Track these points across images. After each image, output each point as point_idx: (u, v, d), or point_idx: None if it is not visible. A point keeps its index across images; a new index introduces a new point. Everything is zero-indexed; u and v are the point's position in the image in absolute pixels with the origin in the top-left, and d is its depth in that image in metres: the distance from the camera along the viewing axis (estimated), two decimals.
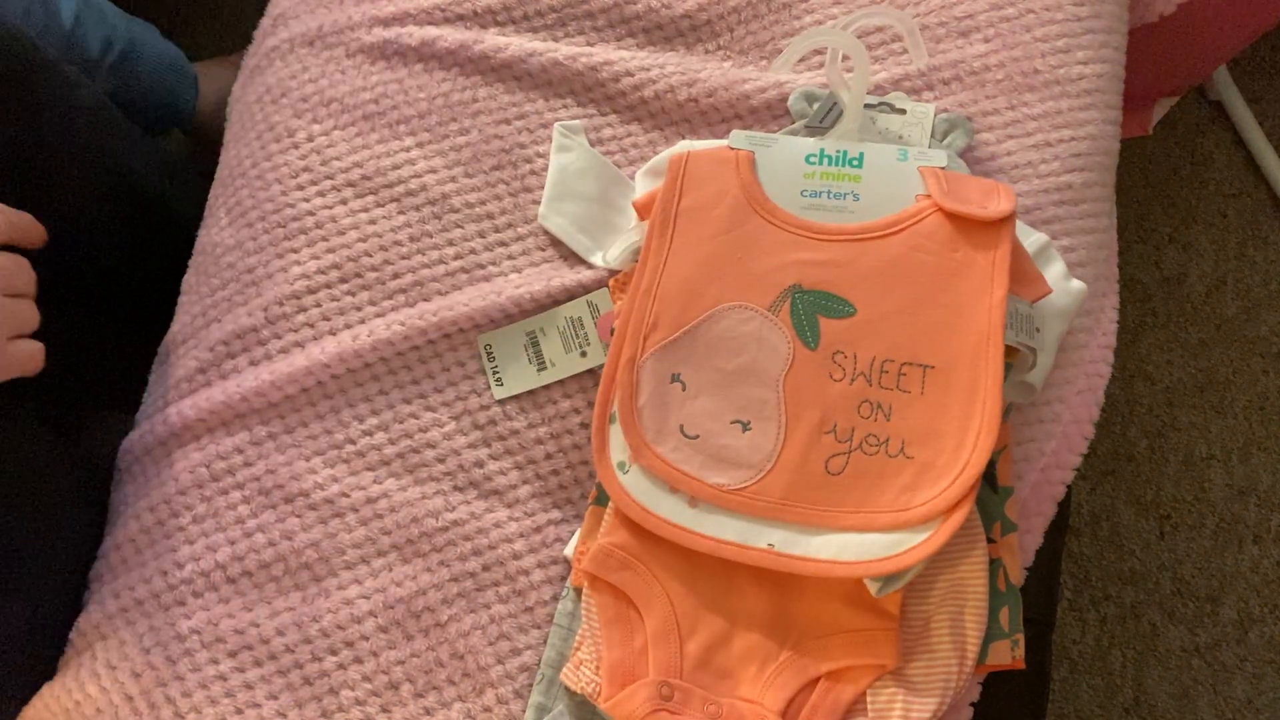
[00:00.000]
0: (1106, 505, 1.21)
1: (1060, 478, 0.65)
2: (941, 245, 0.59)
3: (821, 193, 0.62)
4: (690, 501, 0.57)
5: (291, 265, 0.68)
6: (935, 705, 0.56)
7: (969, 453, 0.56)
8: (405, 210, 0.69)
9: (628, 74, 0.71)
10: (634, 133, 0.71)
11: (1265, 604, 1.17)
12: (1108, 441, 1.22)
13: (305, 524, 0.63)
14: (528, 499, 0.64)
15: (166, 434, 0.65)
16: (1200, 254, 1.29)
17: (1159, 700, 1.15)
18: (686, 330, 0.59)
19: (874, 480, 0.56)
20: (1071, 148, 0.69)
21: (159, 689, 0.60)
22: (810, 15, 0.73)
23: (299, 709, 0.60)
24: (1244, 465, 1.22)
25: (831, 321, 0.59)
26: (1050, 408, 0.65)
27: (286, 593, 0.62)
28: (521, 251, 0.68)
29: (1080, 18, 0.71)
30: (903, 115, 0.68)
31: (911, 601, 0.58)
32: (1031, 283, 0.61)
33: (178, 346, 0.68)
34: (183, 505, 0.64)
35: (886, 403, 0.57)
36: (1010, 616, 0.59)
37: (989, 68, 0.71)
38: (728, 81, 0.71)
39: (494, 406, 0.65)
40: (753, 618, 0.58)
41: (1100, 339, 0.67)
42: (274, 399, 0.65)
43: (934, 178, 0.61)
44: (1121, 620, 1.17)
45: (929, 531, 0.55)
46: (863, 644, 0.56)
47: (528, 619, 0.61)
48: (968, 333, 0.58)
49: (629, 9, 0.74)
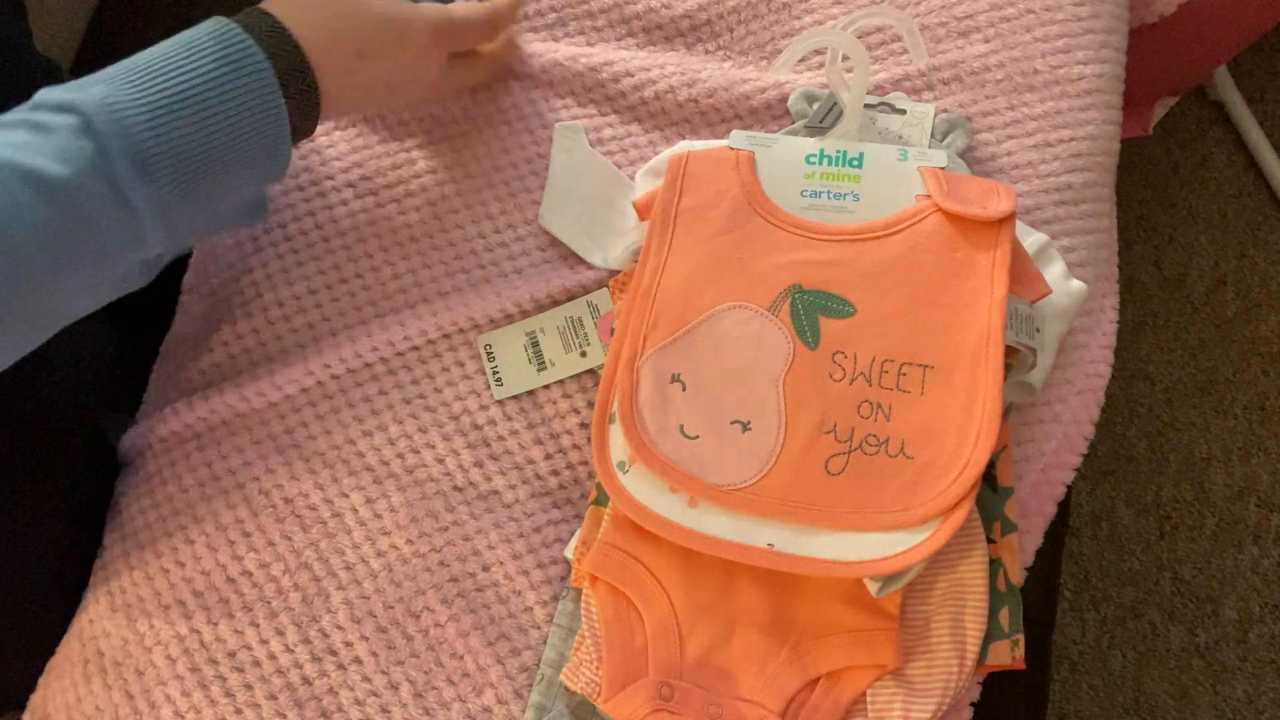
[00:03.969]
0: (1106, 505, 1.21)
1: (1060, 478, 0.65)
2: (941, 245, 0.59)
3: (821, 193, 0.62)
4: (690, 501, 0.57)
5: (291, 265, 0.68)
6: (935, 705, 0.56)
7: (969, 453, 0.56)
8: (405, 210, 0.69)
9: (628, 74, 0.71)
10: (634, 133, 0.71)
11: (1265, 604, 1.17)
12: (1108, 441, 1.22)
13: (305, 524, 0.63)
14: (527, 499, 0.64)
15: (167, 434, 0.65)
16: (1200, 254, 1.29)
17: (1159, 700, 1.15)
18: (686, 330, 0.59)
19: (874, 480, 0.56)
20: (1071, 148, 0.69)
21: (159, 688, 0.60)
22: (810, 15, 0.73)
23: (298, 709, 0.60)
24: (1244, 465, 1.22)
25: (831, 321, 0.59)
26: (1050, 408, 0.65)
27: (286, 593, 0.62)
28: (521, 251, 0.69)
29: (1080, 18, 0.71)
30: (903, 115, 0.68)
31: (911, 601, 0.58)
32: (1031, 283, 0.61)
33: (178, 346, 0.68)
34: (183, 504, 0.64)
35: (886, 403, 0.57)
36: (1010, 617, 0.59)
37: (989, 68, 0.71)
38: (728, 81, 0.71)
39: (494, 407, 0.65)
40: (753, 618, 0.58)
41: (1100, 339, 0.67)
42: (274, 399, 0.65)
43: (934, 178, 0.61)
44: (1121, 620, 1.17)
45: (929, 531, 0.55)
46: (863, 644, 0.57)
47: (527, 619, 0.61)
48: (968, 333, 0.58)
49: (629, 9, 0.74)
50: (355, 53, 0.58)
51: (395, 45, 0.60)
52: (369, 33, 0.59)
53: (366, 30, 0.59)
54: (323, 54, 0.57)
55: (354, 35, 0.58)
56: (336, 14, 0.58)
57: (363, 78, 0.59)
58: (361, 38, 0.58)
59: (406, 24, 0.60)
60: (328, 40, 0.57)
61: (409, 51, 0.61)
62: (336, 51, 0.58)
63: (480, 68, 0.69)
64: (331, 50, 0.57)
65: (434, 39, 0.62)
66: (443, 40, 0.63)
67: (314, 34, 0.57)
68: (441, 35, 0.62)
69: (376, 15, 0.59)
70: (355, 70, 0.59)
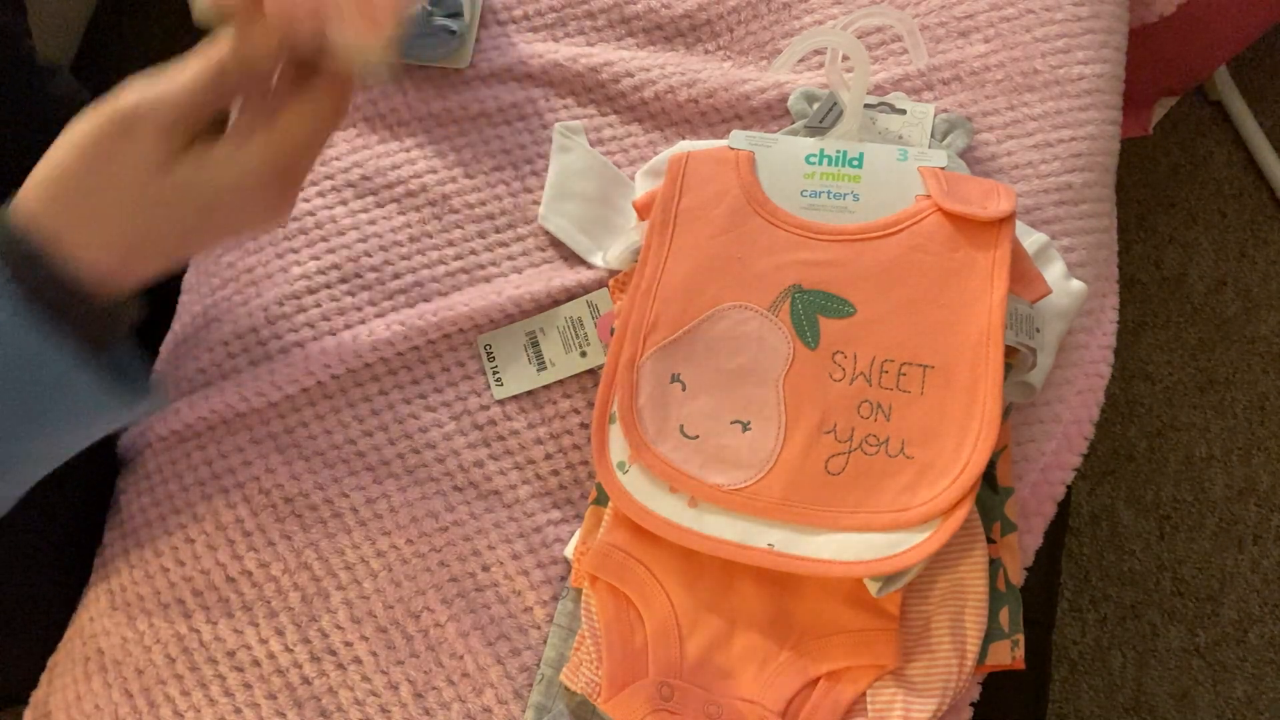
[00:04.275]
0: (1106, 505, 1.21)
1: (1060, 478, 0.65)
2: (941, 245, 0.59)
3: (821, 193, 0.62)
4: (690, 501, 0.57)
5: (291, 265, 0.68)
6: (935, 705, 0.56)
7: (969, 453, 0.56)
8: (405, 210, 0.69)
9: (628, 74, 0.71)
10: (634, 133, 0.71)
11: (1265, 604, 1.17)
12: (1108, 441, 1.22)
13: (304, 524, 0.63)
14: (527, 499, 0.64)
15: (167, 433, 0.65)
16: (1200, 254, 1.29)
17: (1159, 700, 1.15)
18: (686, 330, 0.59)
19: (874, 480, 0.56)
20: (1071, 148, 0.69)
21: (158, 687, 0.60)
22: (810, 15, 0.73)
23: (298, 709, 0.60)
24: (1244, 465, 1.22)
25: (831, 321, 0.59)
26: (1050, 408, 0.65)
27: (285, 593, 0.62)
28: (521, 252, 0.69)
29: (1080, 18, 0.71)
30: (903, 115, 0.68)
31: (911, 601, 0.58)
32: (1031, 283, 0.61)
33: (178, 346, 0.68)
34: (183, 503, 0.64)
35: (886, 403, 0.57)
36: (1010, 617, 0.59)
37: (989, 68, 0.71)
38: (728, 82, 0.71)
39: (494, 407, 0.65)
40: (753, 618, 0.58)
41: (1100, 339, 0.67)
42: (274, 399, 0.65)
43: (934, 178, 0.61)
44: (1121, 620, 1.17)
45: (929, 531, 0.55)
46: (863, 644, 0.57)
47: (527, 619, 0.61)
48: (968, 333, 0.58)
49: (629, 9, 0.74)
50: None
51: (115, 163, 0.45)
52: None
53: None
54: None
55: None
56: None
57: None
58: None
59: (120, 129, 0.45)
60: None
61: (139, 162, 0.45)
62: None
63: (295, 127, 0.48)
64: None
65: (156, 133, 0.45)
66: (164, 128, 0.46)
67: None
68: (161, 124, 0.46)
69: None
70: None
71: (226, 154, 0.46)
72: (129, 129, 0.45)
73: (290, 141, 0.47)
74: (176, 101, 0.45)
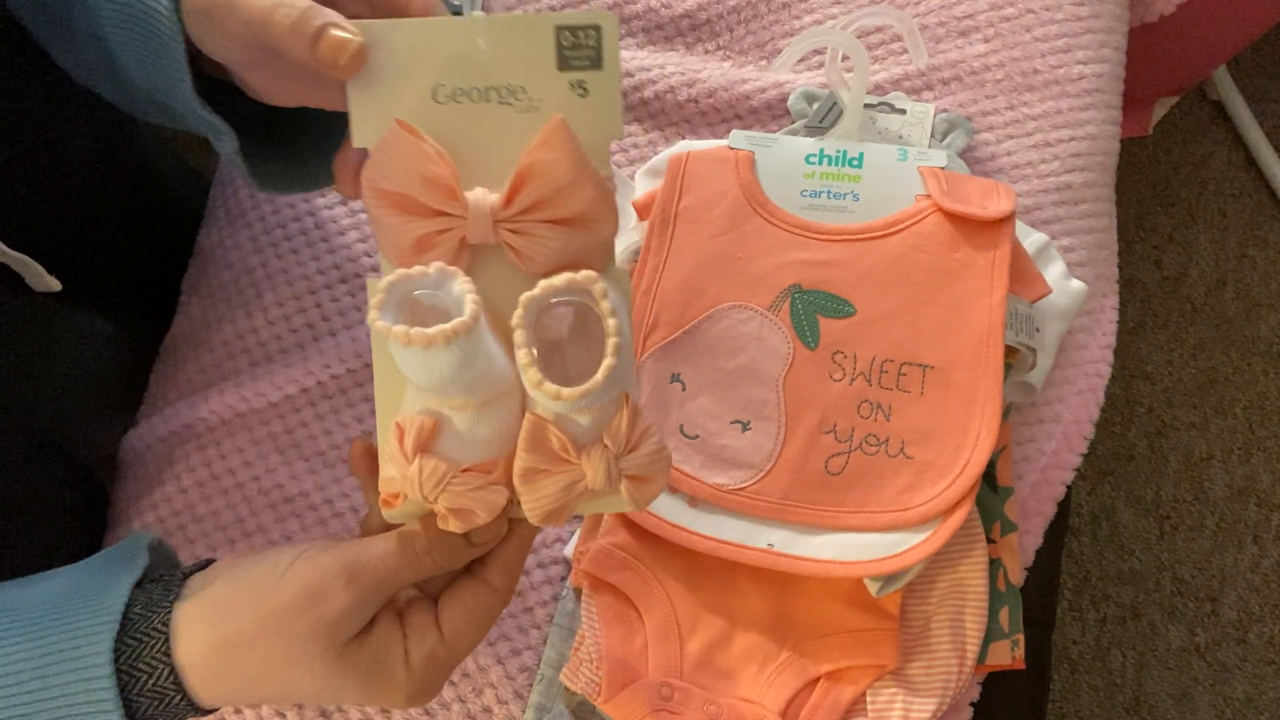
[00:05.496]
0: (1106, 505, 1.21)
1: (1060, 478, 0.65)
2: (941, 245, 0.59)
3: (821, 193, 0.62)
4: (690, 501, 0.57)
5: (291, 265, 0.68)
6: (935, 705, 0.56)
7: (969, 453, 0.56)
8: None
9: (627, 74, 0.71)
10: (634, 133, 0.71)
11: (1265, 604, 1.17)
12: (1108, 441, 1.22)
13: (305, 524, 0.63)
14: None
15: (167, 433, 0.65)
16: (1200, 254, 1.29)
17: (1159, 700, 1.15)
18: (686, 330, 0.59)
19: (874, 480, 0.56)
20: (1071, 148, 0.69)
21: None
22: (810, 15, 0.73)
23: (298, 708, 0.60)
24: (1244, 465, 1.22)
25: (831, 321, 0.59)
26: (1050, 408, 0.65)
27: None
28: None
29: (1080, 18, 0.71)
30: (903, 115, 0.68)
31: (911, 601, 0.58)
32: (1031, 283, 0.61)
33: (179, 347, 0.68)
34: (183, 504, 0.64)
35: (886, 403, 0.57)
36: (1010, 616, 0.59)
37: (989, 68, 0.71)
38: (728, 81, 0.71)
39: None
40: (753, 618, 0.58)
41: (1100, 339, 0.67)
42: (274, 399, 0.65)
43: (934, 178, 0.61)
44: (1121, 620, 1.17)
45: (929, 532, 0.55)
46: (863, 644, 0.57)
47: (527, 619, 0.61)
48: (968, 333, 0.58)
49: (629, 9, 0.74)
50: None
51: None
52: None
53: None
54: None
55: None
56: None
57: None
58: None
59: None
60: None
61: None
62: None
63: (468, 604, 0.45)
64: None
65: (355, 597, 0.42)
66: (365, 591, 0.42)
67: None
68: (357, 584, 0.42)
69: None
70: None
71: (399, 656, 0.43)
72: (322, 598, 0.41)
73: (462, 652, 0.45)
74: (381, 583, 0.42)
